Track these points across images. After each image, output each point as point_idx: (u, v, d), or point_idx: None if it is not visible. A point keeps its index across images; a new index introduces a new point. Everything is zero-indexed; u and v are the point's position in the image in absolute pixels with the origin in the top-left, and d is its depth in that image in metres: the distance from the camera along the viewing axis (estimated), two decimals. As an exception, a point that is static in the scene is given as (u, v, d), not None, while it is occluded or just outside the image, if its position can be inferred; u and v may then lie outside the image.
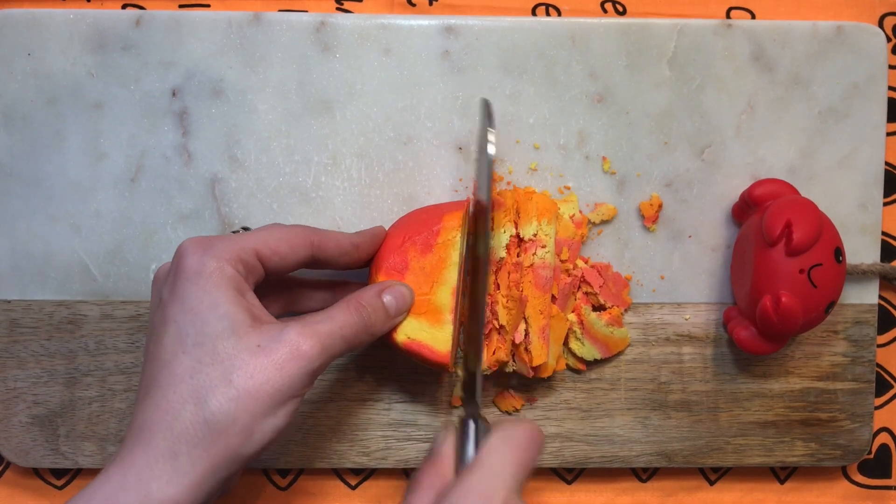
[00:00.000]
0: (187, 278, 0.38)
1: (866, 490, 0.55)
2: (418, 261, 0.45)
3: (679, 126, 0.51)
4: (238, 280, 0.39)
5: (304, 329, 0.38)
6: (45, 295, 0.51)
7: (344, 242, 0.44)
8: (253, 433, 0.37)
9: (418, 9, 0.53)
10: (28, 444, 0.51)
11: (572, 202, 0.50)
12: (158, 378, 0.37)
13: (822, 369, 0.52)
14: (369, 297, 0.42)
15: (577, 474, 0.55)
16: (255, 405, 0.37)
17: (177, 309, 0.38)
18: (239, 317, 0.38)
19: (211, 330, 0.37)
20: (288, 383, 0.37)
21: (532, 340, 0.47)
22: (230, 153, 0.50)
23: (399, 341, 0.45)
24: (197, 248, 0.39)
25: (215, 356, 0.37)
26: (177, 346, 0.37)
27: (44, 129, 0.50)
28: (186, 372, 0.37)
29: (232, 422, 0.36)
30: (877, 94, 0.51)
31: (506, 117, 0.51)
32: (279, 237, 0.41)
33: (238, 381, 0.36)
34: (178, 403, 0.36)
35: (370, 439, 0.52)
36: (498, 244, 0.47)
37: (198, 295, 0.38)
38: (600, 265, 0.51)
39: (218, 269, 0.38)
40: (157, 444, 0.36)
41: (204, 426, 0.36)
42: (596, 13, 0.53)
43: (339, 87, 0.50)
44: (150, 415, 0.37)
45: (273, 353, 0.37)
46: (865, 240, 0.52)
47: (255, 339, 0.37)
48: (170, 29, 0.50)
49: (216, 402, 0.36)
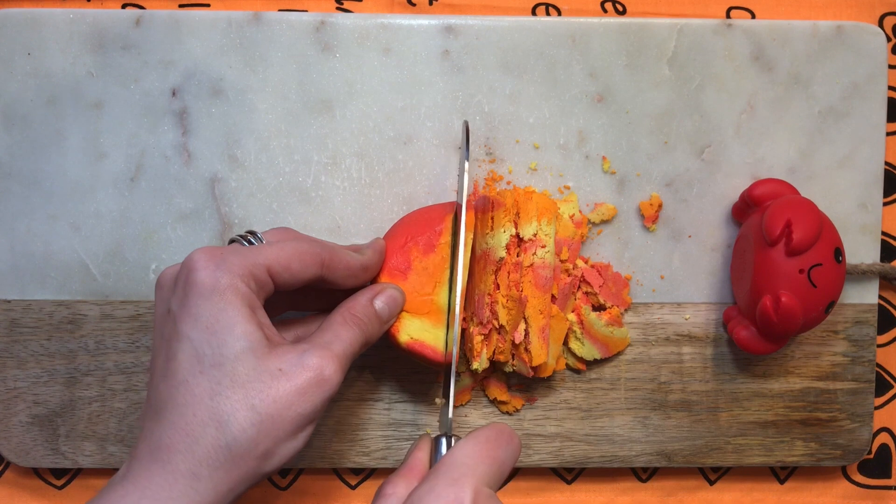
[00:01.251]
0: (200, 294, 0.37)
1: (866, 490, 0.55)
2: (421, 261, 0.45)
3: (679, 126, 0.51)
4: (251, 297, 0.38)
5: (324, 353, 0.38)
6: (45, 295, 0.51)
7: (354, 265, 0.43)
8: (273, 456, 0.37)
9: (418, 8, 0.53)
10: (28, 444, 0.51)
11: (572, 202, 0.50)
12: (176, 397, 0.37)
13: (822, 369, 0.52)
14: (363, 306, 0.42)
15: (576, 474, 0.55)
16: (278, 430, 0.36)
17: (190, 325, 0.37)
18: (255, 336, 0.37)
19: (229, 351, 0.37)
20: (311, 409, 0.37)
21: (532, 340, 0.47)
22: (230, 153, 0.50)
23: (402, 341, 0.45)
24: (209, 261, 0.38)
25: (235, 378, 0.36)
26: (194, 365, 0.37)
27: (44, 128, 0.50)
28: (206, 393, 0.36)
29: (254, 446, 0.36)
30: (877, 94, 0.51)
31: (506, 117, 0.51)
32: (291, 254, 0.40)
33: (261, 405, 0.36)
34: (199, 426, 0.36)
35: (370, 439, 0.52)
36: (498, 244, 0.47)
37: (213, 313, 0.37)
38: (600, 265, 0.51)
39: (231, 286, 0.37)
40: (176, 465, 0.36)
41: (226, 451, 0.36)
42: (596, 13, 0.53)
43: (338, 86, 0.50)
44: (169, 435, 0.36)
45: (295, 378, 0.37)
46: (865, 240, 0.52)
47: (274, 362, 0.37)
48: (169, 28, 0.50)
49: (238, 427, 0.36)
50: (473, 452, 0.37)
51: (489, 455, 0.37)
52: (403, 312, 0.45)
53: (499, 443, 0.38)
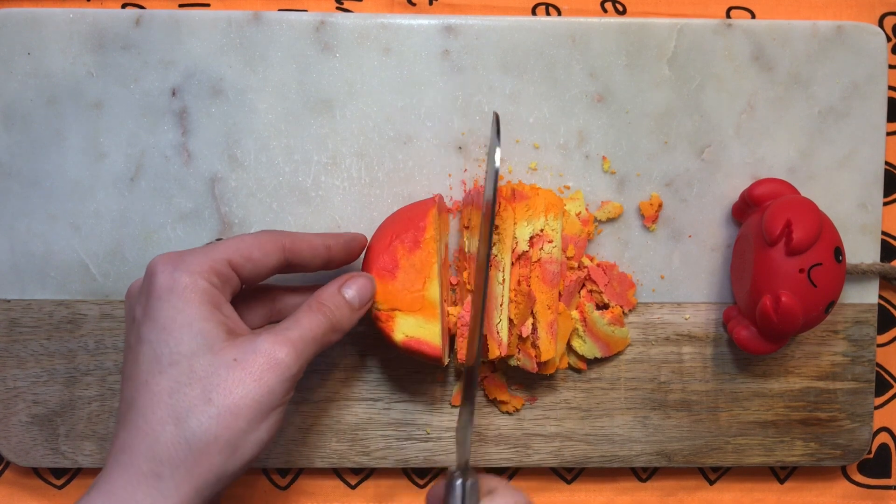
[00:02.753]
0: (159, 296, 0.38)
1: (866, 490, 0.55)
2: (408, 259, 0.45)
3: (679, 126, 0.51)
4: (213, 293, 0.39)
5: (277, 337, 0.38)
6: (45, 294, 0.51)
7: (316, 243, 0.43)
8: (236, 449, 0.37)
9: (418, 8, 0.53)
10: (28, 444, 0.51)
11: (578, 200, 0.50)
12: (137, 399, 0.37)
13: (821, 369, 0.52)
14: (330, 294, 0.43)
15: (576, 474, 0.55)
16: (237, 420, 0.37)
17: (149, 328, 0.38)
18: (213, 332, 0.38)
19: (186, 349, 0.37)
20: (268, 393, 0.37)
21: (540, 336, 0.47)
22: (230, 152, 0.50)
23: (398, 340, 0.45)
24: (167, 264, 0.39)
25: (192, 375, 0.37)
26: (153, 366, 0.37)
27: (43, 128, 0.50)
28: (164, 392, 0.37)
29: (214, 440, 0.36)
30: (877, 94, 0.51)
31: (506, 117, 0.51)
32: (250, 243, 0.41)
33: (217, 398, 0.36)
34: (158, 425, 0.36)
35: (370, 439, 0.52)
36: (522, 237, 0.47)
37: (170, 313, 0.38)
38: (606, 264, 0.51)
39: (191, 284, 0.38)
40: (138, 467, 0.36)
41: (185, 447, 0.36)
42: (596, 13, 0.53)
43: (338, 86, 0.50)
44: (130, 437, 0.37)
45: (249, 365, 0.37)
46: (865, 239, 0.52)
47: (230, 353, 0.37)
48: (169, 28, 0.50)
49: (196, 421, 0.36)
50: None
51: None
52: (396, 311, 0.45)
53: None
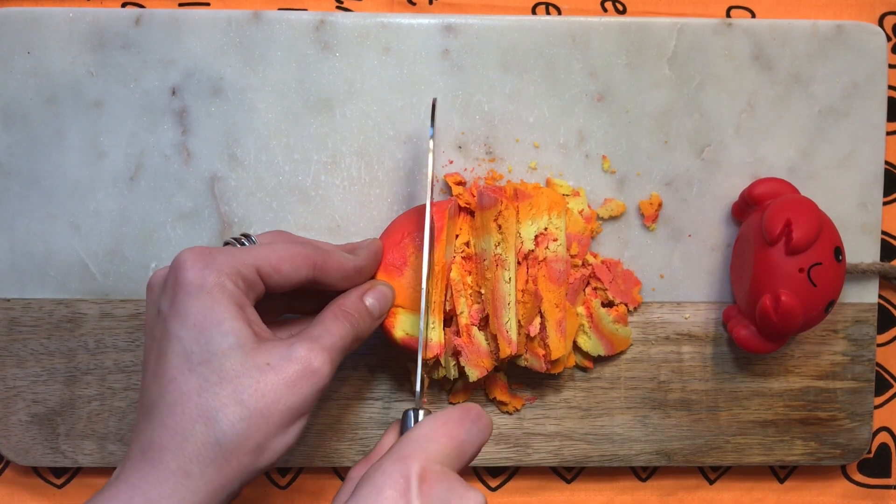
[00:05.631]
0: (188, 292, 0.38)
1: (866, 489, 0.55)
2: (417, 257, 0.45)
3: (679, 125, 0.51)
4: (238, 295, 0.38)
5: (313, 346, 0.38)
6: (45, 293, 0.51)
7: (347, 266, 0.43)
8: (264, 451, 0.37)
9: (418, 7, 0.53)
10: (27, 443, 0.51)
11: (581, 197, 0.50)
12: (165, 396, 0.37)
13: (821, 368, 0.52)
14: (353, 302, 0.42)
15: (576, 473, 0.55)
16: (267, 424, 0.36)
17: (179, 324, 0.37)
18: (243, 333, 0.37)
19: (216, 347, 0.37)
20: (300, 401, 0.37)
21: (549, 334, 0.46)
22: (230, 152, 0.50)
23: (397, 338, 0.45)
24: (197, 260, 0.38)
25: (223, 374, 0.36)
26: (182, 363, 0.37)
27: (43, 127, 0.50)
28: (194, 390, 0.36)
29: (244, 441, 0.36)
30: (877, 94, 0.51)
31: (506, 116, 0.51)
32: (282, 255, 0.40)
33: (249, 400, 0.36)
34: (188, 423, 0.36)
35: (370, 438, 0.52)
36: (527, 237, 0.47)
37: (200, 310, 0.37)
38: (610, 261, 0.51)
39: (219, 284, 0.38)
40: (167, 464, 0.36)
41: (216, 447, 0.36)
42: (596, 12, 0.53)
43: (338, 85, 0.50)
44: (158, 434, 0.36)
45: (283, 372, 0.37)
46: (865, 239, 0.52)
47: (263, 356, 0.37)
48: (169, 27, 0.50)
49: (227, 421, 0.36)
50: (430, 430, 0.37)
51: (447, 433, 0.37)
52: (399, 308, 0.45)
53: (462, 422, 0.37)
